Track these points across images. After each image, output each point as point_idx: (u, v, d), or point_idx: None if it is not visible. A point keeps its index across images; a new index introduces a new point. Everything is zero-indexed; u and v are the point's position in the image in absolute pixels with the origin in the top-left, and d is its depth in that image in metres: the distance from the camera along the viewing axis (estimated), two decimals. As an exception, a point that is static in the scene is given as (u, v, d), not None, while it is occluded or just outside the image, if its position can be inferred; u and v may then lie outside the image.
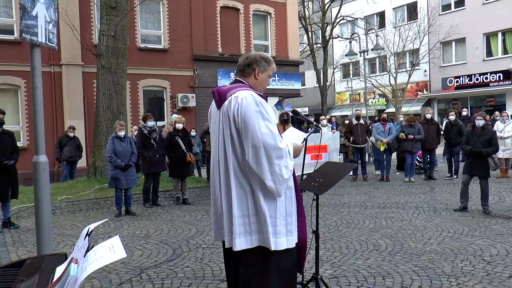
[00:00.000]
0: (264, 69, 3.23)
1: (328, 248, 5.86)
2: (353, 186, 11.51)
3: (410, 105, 30.50)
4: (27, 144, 15.15)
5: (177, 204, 9.74)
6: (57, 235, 7.12)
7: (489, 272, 4.79)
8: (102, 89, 11.52)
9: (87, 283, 4.72)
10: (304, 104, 35.12)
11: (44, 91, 14.69)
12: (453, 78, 29.15)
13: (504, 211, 7.96)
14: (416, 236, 6.36)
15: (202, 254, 5.83)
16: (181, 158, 9.67)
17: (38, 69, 3.96)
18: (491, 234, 6.35)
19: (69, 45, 15.70)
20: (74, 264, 1.64)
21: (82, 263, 1.63)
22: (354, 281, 4.62)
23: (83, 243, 1.86)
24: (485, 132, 7.98)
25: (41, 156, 4.08)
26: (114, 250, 1.60)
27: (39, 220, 4.07)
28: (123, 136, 8.80)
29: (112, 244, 1.66)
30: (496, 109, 20.41)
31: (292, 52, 21.59)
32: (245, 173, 2.98)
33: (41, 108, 4.07)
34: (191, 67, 18.80)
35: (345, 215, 8.02)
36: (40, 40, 3.90)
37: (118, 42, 11.47)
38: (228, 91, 3.08)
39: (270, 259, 3.02)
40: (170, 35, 18.35)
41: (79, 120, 16.22)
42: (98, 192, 10.09)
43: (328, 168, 4.08)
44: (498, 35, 27.66)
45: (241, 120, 2.91)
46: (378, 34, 22.89)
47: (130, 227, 7.71)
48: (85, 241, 1.86)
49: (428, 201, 9.09)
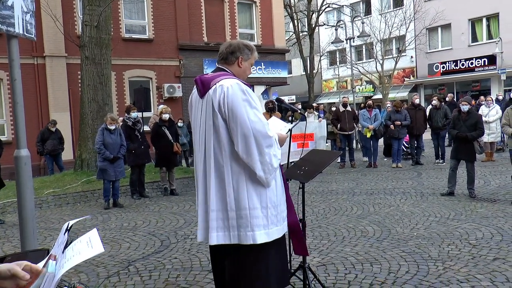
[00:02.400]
0: (247, 57, 3.16)
1: (316, 236, 5.87)
2: (341, 173, 11.55)
3: (397, 91, 30.63)
4: (11, 138, 14.94)
5: (164, 195, 9.70)
6: (44, 230, 7.06)
7: (475, 255, 4.83)
8: (87, 81, 11.37)
9: (74, 277, 4.68)
10: (291, 92, 35.07)
11: (28, 84, 14.66)
12: (439, 64, 29.31)
13: (489, 194, 8.04)
14: (403, 222, 6.40)
15: (190, 245, 5.81)
16: (168, 148, 9.61)
17: (17, 61, 3.87)
18: (476, 218, 6.42)
19: (52, 37, 15.43)
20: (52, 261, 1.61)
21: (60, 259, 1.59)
22: (342, 268, 4.64)
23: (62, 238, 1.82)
24: (471, 116, 8.03)
25: (22, 150, 4.01)
26: (91, 244, 1.56)
27: (22, 215, 4.00)
28: (113, 128, 8.72)
29: (90, 238, 1.62)
30: (481, 94, 20.57)
31: (278, 40, 21.49)
32: (228, 165, 2.92)
33: (21, 100, 3.98)
34: (176, 57, 18.64)
35: (333, 202, 8.05)
36: (17, 31, 3.81)
37: (102, 32, 11.30)
38: (212, 79, 2.99)
39: (258, 252, 2.99)
40: (154, 25, 18.14)
41: (65, 112, 16.02)
42: (85, 185, 10.00)
43: (314, 156, 4.06)
44: (483, 21, 27.82)
45: (228, 109, 2.85)
46: (364, 21, 22.85)
47: (118, 219, 7.66)
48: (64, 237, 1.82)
49: (415, 186, 9.15)
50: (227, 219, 2.92)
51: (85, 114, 11.45)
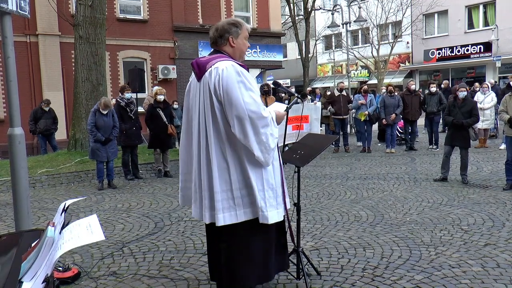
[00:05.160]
0: (237, 34, 3.14)
1: (310, 220, 5.90)
2: (335, 158, 11.58)
3: (392, 77, 30.59)
4: (4, 116, 14.82)
5: (158, 177, 9.69)
6: (38, 209, 7.04)
7: (466, 241, 4.88)
8: (81, 60, 11.26)
9: (68, 258, 4.68)
10: (286, 76, 34.91)
11: (21, 62, 14.49)
12: (435, 50, 29.25)
13: (481, 180, 8.10)
14: (396, 207, 6.44)
15: (184, 227, 5.82)
16: (162, 130, 9.57)
17: (10, 38, 3.81)
18: (468, 204, 6.47)
19: (45, 15, 15.24)
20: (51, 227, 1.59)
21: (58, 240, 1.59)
22: (335, 252, 4.67)
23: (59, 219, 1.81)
24: (467, 103, 8.04)
25: (16, 129, 3.97)
26: (91, 230, 1.55)
27: (17, 194, 3.98)
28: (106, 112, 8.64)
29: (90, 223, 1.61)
30: (476, 81, 20.59)
31: (274, 23, 21.34)
32: (228, 146, 2.92)
33: (15, 79, 3.93)
34: (171, 38, 18.48)
35: (326, 186, 8.08)
36: (10, 8, 3.74)
37: (96, 12, 11.16)
38: (207, 62, 2.99)
39: (254, 233, 3.00)
40: (149, 6, 17.94)
41: (58, 91, 15.90)
42: (79, 165, 9.96)
43: (310, 140, 4.05)
44: (479, 8, 27.72)
45: (223, 91, 2.84)
46: (361, 6, 22.67)
47: (111, 200, 7.65)
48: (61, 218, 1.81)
49: (409, 171, 9.20)
50: (232, 198, 2.93)
51: (79, 94, 11.36)
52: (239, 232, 2.99)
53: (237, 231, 2.98)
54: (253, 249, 3.04)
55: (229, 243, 3.05)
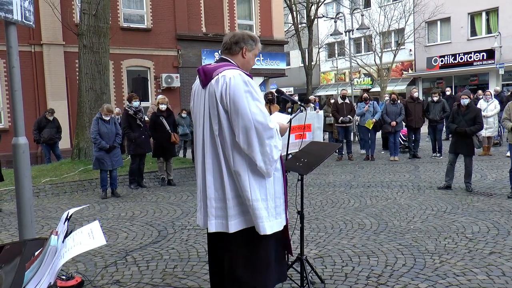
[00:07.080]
0: (251, 48, 3.14)
1: (313, 228, 5.88)
2: (338, 166, 11.56)
3: (395, 85, 30.60)
4: (8, 125, 14.89)
5: (162, 185, 9.70)
6: (41, 218, 7.05)
7: (471, 249, 4.85)
8: (85, 69, 11.32)
9: (72, 266, 4.68)
10: (289, 84, 34.99)
11: (25, 72, 14.57)
12: (438, 57, 29.27)
13: (486, 188, 8.06)
14: (400, 215, 6.41)
15: (188, 235, 5.81)
16: (165, 138, 9.59)
17: (15, 48, 3.83)
18: (473, 212, 6.44)
19: (49, 24, 15.34)
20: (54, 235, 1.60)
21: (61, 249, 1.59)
22: (339, 260, 4.65)
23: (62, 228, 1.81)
24: (470, 110, 8.02)
25: (20, 138, 3.97)
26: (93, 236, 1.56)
27: (20, 203, 3.98)
28: (108, 118, 8.67)
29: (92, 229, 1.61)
30: (479, 88, 20.58)
31: (277, 31, 21.40)
32: (232, 155, 2.92)
33: (20, 88, 3.95)
34: (175, 47, 18.55)
35: (330, 194, 8.06)
36: (15, 18, 3.76)
37: (100, 21, 11.23)
38: (214, 69, 2.97)
39: (257, 243, 2.99)
40: (153, 15, 18.04)
41: (62, 100, 15.96)
42: (83, 174, 9.98)
43: (313, 148, 4.05)
44: (482, 15, 27.75)
45: (230, 100, 2.83)
46: (364, 13, 22.75)
47: (115, 209, 7.66)
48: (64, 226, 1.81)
49: (413, 179, 9.17)
50: (225, 208, 2.93)
51: (83, 103, 11.41)
52: (244, 240, 2.99)
53: (241, 238, 2.98)
54: (257, 257, 3.03)
55: (233, 251, 3.04)
